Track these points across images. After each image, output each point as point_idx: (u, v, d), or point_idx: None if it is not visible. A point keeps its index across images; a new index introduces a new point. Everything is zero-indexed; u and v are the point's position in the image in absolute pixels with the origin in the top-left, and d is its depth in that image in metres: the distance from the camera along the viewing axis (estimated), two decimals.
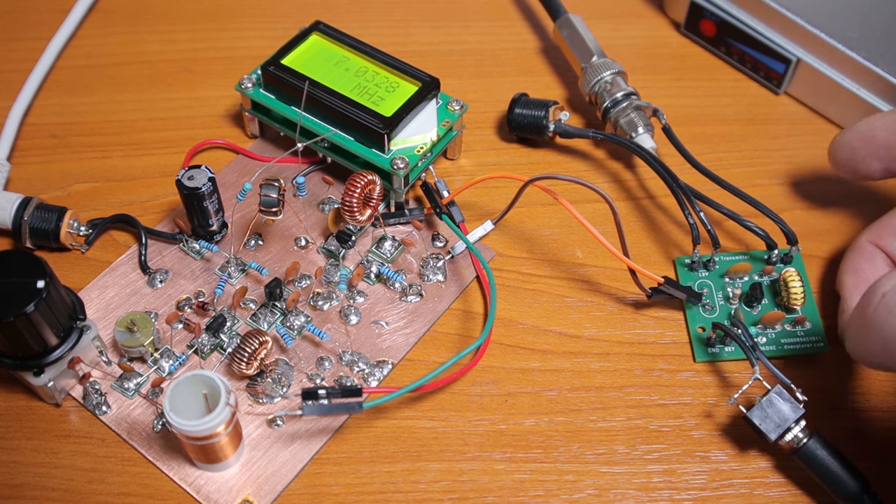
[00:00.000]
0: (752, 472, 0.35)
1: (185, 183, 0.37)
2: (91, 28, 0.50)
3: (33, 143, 0.45)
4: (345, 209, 0.37)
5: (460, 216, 0.41)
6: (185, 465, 0.34)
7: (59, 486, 0.34)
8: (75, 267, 0.40)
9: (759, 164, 0.45)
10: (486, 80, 0.48)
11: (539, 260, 0.41)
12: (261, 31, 0.50)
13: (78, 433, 0.35)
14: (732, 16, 0.47)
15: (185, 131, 0.45)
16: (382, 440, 0.35)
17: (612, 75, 0.44)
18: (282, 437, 0.35)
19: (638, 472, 0.35)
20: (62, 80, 0.48)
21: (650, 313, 0.39)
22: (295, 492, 0.34)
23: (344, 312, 0.38)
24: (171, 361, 0.37)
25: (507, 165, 0.45)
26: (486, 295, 0.40)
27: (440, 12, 0.52)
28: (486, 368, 0.37)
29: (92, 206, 0.42)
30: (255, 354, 0.35)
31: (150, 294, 0.39)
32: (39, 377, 0.34)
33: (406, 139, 0.41)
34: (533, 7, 0.52)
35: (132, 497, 0.34)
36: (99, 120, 0.46)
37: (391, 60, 0.42)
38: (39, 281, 0.32)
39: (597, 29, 0.47)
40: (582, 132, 0.43)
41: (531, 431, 0.36)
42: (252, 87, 0.42)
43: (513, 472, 0.35)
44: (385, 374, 0.37)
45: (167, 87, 0.48)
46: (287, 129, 0.42)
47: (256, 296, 0.39)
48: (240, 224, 0.41)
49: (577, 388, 0.37)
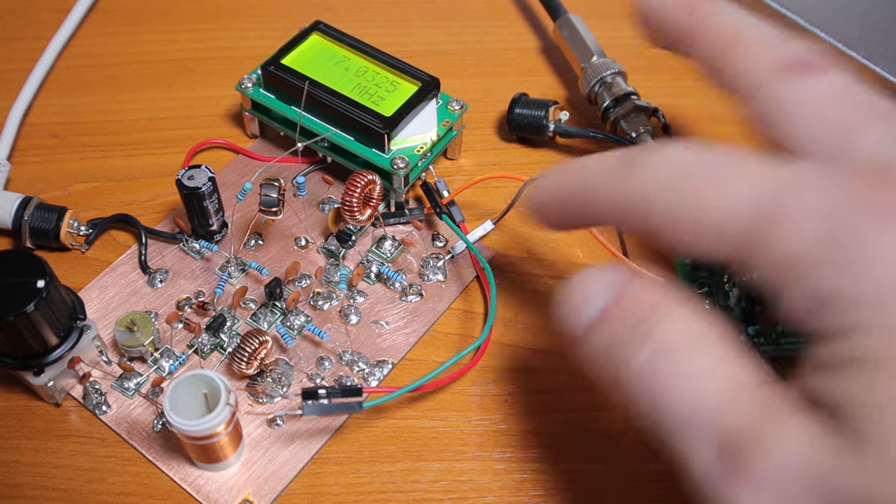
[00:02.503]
0: None
1: (185, 183, 0.37)
2: (91, 28, 0.50)
3: (33, 143, 0.45)
4: (345, 209, 0.37)
5: (460, 216, 0.41)
6: (185, 464, 0.34)
7: (59, 485, 0.34)
8: (75, 267, 0.40)
9: None
10: (486, 80, 0.48)
11: (539, 260, 0.41)
12: (261, 31, 0.50)
13: (78, 433, 0.35)
14: None
15: (185, 131, 0.45)
16: (382, 440, 0.35)
17: (612, 75, 0.44)
18: (282, 437, 0.35)
19: (638, 471, 0.35)
20: (62, 79, 0.48)
21: None
22: (295, 491, 0.34)
23: (344, 312, 0.38)
24: (171, 361, 0.37)
25: (507, 165, 0.45)
26: (486, 295, 0.40)
27: (440, 12, 0.52)
28: (486, 368, 0.37)
29: (92, 205, 0.42)
30: (255, 354, 0.35)
31: (150, 294, 0.39)
32: (39, 377, 0.34)
33: (406, 139, 0.41)
34: (533, 7, 0.52)
35: (132, 497, 0.34)
36: (99, 120, 0.46)
37: (391, 60, 0.42)
38: (39, 281, 0.32)
39: (597, 29, 0.47)
40: (582, 132, 0.43)
41: (531, 431, 0.36)
42: (252, 86, 0.42)
43: (513, 472, 0.35)
44: (385, 374, 0.37)
45: (167, 86, 0.48)
46: (287, 129, 0.43)
47: (256, 296, 0.39)
48: (240, 224, 0.41)
49: (577, 389, 0.37)
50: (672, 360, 0.24)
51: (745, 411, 0.23)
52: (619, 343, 0.25)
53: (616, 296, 0.26)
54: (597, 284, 0.26)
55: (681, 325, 0.25)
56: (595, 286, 0.26)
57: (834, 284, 0.23)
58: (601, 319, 0.26)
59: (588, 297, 0.26)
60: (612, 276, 0.26)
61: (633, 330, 0.25)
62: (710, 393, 0.24)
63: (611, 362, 0.25)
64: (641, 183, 0.26)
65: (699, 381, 0.24)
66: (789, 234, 0.23)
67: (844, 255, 0.23)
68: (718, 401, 0.24)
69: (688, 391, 0.24)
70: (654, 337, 0.25)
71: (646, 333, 0.25)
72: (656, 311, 0.25)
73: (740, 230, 0.24)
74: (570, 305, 0.27)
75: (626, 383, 0.25)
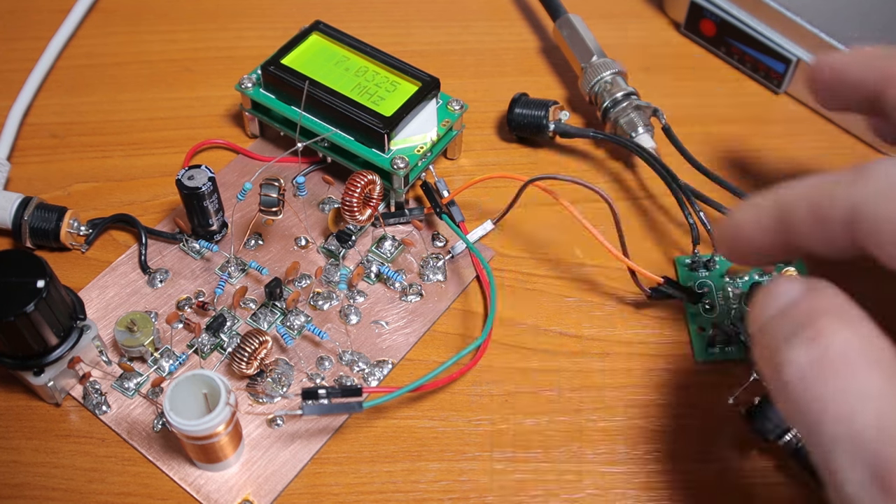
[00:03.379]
0: (751, 472, 0.35)
1: (185, 183, 0.37)
2: (91, 28, 0.50)
3: (33, 143, 0.45)
4: (345, 209, 0.37)
5: (460, 216, 0.41)
6: (185, 464, 0.34)
7: (60, 485, 0.34)
8: (75, 267, 0.40)
9: (759, 164, 0.45)
10: (486, 80, 0.48)
11: (539, 260, 0.41)
12: (261, 31, 0.50)
13: (78, 433, 0.35)
14: (732, 16, 0.47)
15: (185, 131, 0.45)
16: (382, 440, 0.35)
17: (612, 75, 0.44)
18: (282, 437, 0.35)
19: (638, 471, 0.35)
20: (62, 79, 0.48)
21: (650, 313, 0.39)
22: (295, 491, 0.34)
23: (344, 312, 0.38)
24: (171, 361, 0.37)
25: (507, 165, 0.45)
26: (486, 295, 0.40)
27: (440, 12, 0.52)
28: (486, 368, 0.37)
29: (92, 205, 0.42)
30: (255, 354, 0.35)
31: (150, 294, 0.39)
32: (39, 377, 0.34)
33: (406, 139, 0.41)
34: (533, 7, 0.52)
35: (132, 497, 0.34)
36: (99, 120, 0.46)
37: (391, 60, 0.42)
38: (39, 281, 0.32)
39: (597, 29, 0.47)
40: (582, 132, 0.43)
41: (531, 431, 0.36)
42: (252, 86, 0.42)
43: (513, 472, 0.35)
44: (385, 374, 0.37)
45: (168, 86, 0.48)
46: (287, 129, 0.43)
47: (256, 295, 0.39)
48: (240, 224, 0.41)
49: (577, 388, 0.37)
50: (839, 371, 0.24)
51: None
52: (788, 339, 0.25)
53: (801, 295, 0.25)
54: (789, 285, 0.26)
55: (857, 340, 0.24)
56: (787, 286, 0.26)
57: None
58: (780, 313, 0.25)
59: (778, 292, 0.26)
60: (805, 281, 0.26)
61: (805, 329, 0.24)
62: (871, 413, 0.23)
63: (776, 357, 0.25)
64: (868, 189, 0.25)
65: (863, 399, 0.23)
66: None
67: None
68: (879, 424, 0.23)
69: (848, 405, 0.23)
70: (825, 343, 0.24)
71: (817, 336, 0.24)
72: (837, 318, 0.24)
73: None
74: (758, 299, 0.26)
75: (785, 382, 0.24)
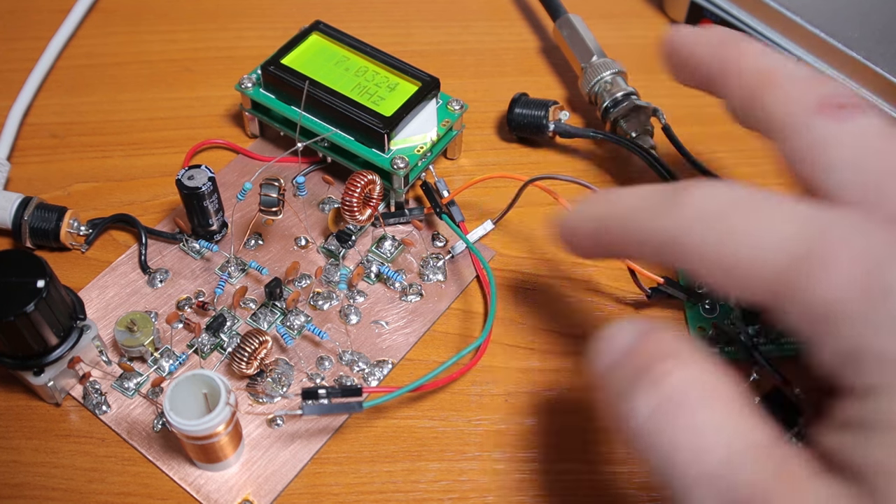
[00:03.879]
0: None
1: (185, 183, 0.37)
2: (91, 28, 0.50)
3: (33, 143, 0.45)
4: (345, 209, 0.37)
5: (460, 216, 0.41)
6: (185, 464, 0.34)
7: (59, 485, 0.34)
8: (75, 267, 0.40)
9: (759, 164, 0.45)
10: (486, 80, 0.48)
11: (539, 260, 0.41)
12: (261, 31, 0.50)
13: (78, 433, 0.35)
14: (732, 16, 0.47)
15: (185, 131, 0.45)
16: (382, 440, 0.35)
17: (612, 75, 0.44)
18: (282, 437, 0.35)
19: (638, 471, 0.35)
20: (62, 79, 0.48)
21: (650, 313, 0.39)
22: (295, 491, 0.34)
23: (344, 312, 0.38)
24: (171, 361, 0.37)
25: (507, 165, 0.45)
26: (486, 295, 0.40)
27: (440, 12, 0.52)
28: (486, 368, 0.37)
29: (92, 205, 0.42)
30: (255, 354, 0.35)
31: (150, 294, 0.39)
32: (39, 377, 0.34)
33: (406, 139, 0.41)
34: (533, 7, 0.52)
35: (132, 497, 0.34)
36: (99, 120, 0.46)
37: (391, 60, 0.42)
38: (39, 281, 0.32)
39: (597, 29, 0.47)
40: (582, 132, 0.43)
41: (531, 431, 0.36)
42: (252, 86, 0.42)
43: (513, 472, 0.35)
44: (385, 374, 0.37)
45: (167, 86, 0.48)
46: (287, 129, 0.43)
47: (256, 295, 0.39)
48: (240, 224, 0.41)
49: (577, 388, 0.37)
50: (682, 411, 0.24)
51: (758, 470, 0.23)
52: (629, 387, 0.25)
53: (636, 341, 0.26)
54: (623, 331, 0.26)
55: (696, 378, 0.24)
56: (621, 333, 0.26)
57: (870, 342, 0.22)
58: (617, 362, 0.26)
59: (613, 341, 0.26)
60: (638, 326, 0.26)
61: (644, 375, 0.25)
62: (719, 446, 0.23)
63: (620, 406, 0.25)
64: (679, 220, 0.25)
65: (709, 434, 0.23)
66: (830, 278, 0.22)
67: (886, 312, 0.22)
68: (728, 455, 0.23)
69: (696, 443, 0.23)
70: (666, 385, 0.24)
71: (657, 380, 0.24)
72: (672, 359, 0.25)
73: (778, 272, 0.23)
74: (595, 349, 0.27)
75: (633, 429, 0.24)
